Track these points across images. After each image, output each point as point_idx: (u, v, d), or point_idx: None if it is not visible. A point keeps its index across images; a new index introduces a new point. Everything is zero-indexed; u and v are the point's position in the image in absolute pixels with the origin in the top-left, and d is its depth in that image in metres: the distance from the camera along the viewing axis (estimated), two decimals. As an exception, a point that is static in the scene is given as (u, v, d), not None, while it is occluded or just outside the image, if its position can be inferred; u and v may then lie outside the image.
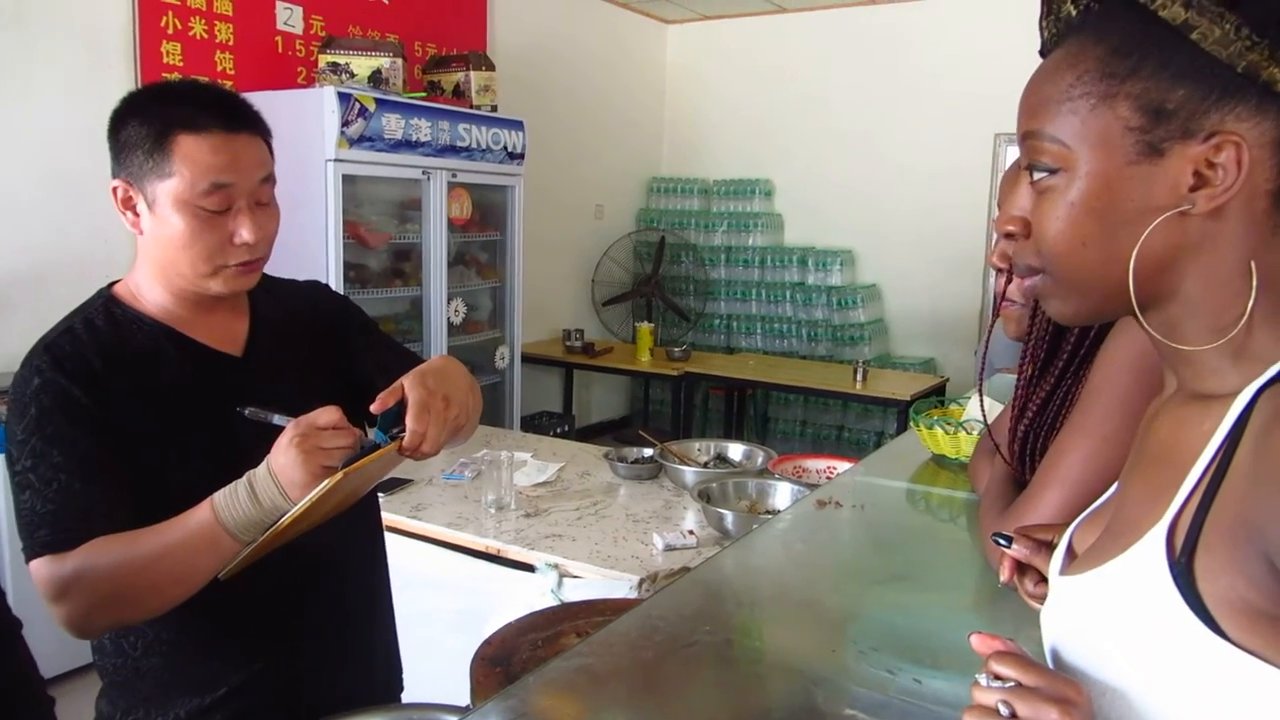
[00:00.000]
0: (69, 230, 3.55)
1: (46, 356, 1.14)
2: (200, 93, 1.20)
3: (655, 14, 6.68)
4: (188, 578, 1.08)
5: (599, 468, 2.72)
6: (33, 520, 1.08)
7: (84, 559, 1.05)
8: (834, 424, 6.05)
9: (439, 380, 1.13)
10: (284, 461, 1.04)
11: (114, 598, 1.07)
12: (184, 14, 3.84)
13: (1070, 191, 0.64)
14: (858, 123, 6.21)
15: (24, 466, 1.10)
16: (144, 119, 1.15)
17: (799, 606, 1.08)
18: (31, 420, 1.11)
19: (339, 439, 1.06)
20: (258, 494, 1.06)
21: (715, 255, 6.53)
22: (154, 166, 1.14)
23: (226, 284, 1.20)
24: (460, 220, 4.47)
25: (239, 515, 1.05)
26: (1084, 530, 0.77)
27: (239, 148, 1.16)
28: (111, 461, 1.11)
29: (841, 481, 1.51)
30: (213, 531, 1.06)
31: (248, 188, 1.17)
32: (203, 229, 1.15)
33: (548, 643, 1.54)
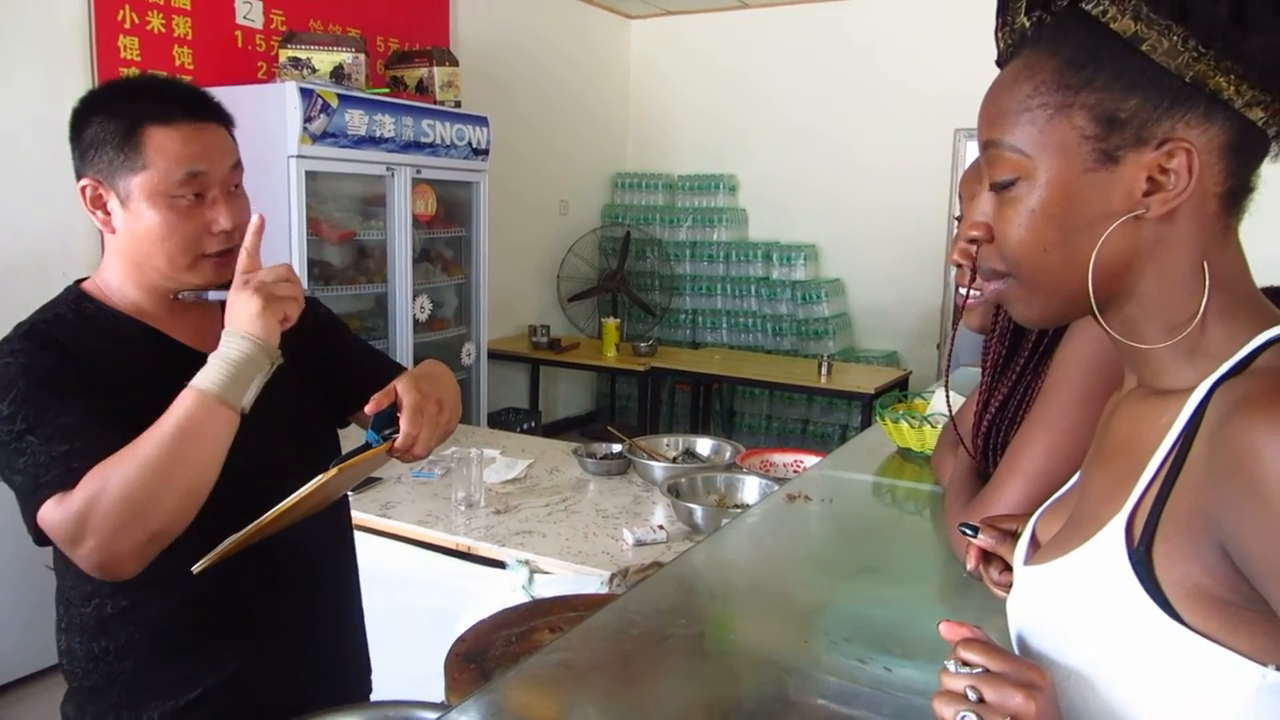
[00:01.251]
0: (24, 228, 3.48)
1: (25, 340, 1.13)
2: (163, 86, 1.21)
3: (619, 9, 6.68)
4: (194, 460, 1.06)
5: (568, 464, 2.73)
6: (32, 476, 1.05)
7: (89, 486, 1.02)
8: (799, 417, 6.11)
9: (432, 385, 1.15)
10: (242, 307, 1.08)
11: (134, 510, 1.02)
12: (141, 8, 3.78)
13: (1031, 199, 0.66)
14: (820, 119, 6.27)
15: (17, 431, 1.07)
16: (109, 115, 1.15)
17: (771, 599, 1.10)
18: (21, 389, 1.09)
19: (291, 288, 1.11)
20: (222, 352, 1.08)
21: (680, 250, 6.55)
22: (125, 161, 1.13)
23: (204, 276, 1.19)
24: (425, 217, 4.45)
25: (221, 378, 1.07)
26: (1047, 520, 0.80)
27: (208, 137, 1.17)
28: (101, 424, 1.09)
29: (810, 476, 1.53)
30: (203, 401, 1.06)
31: (220, 175, 1.18)
32: (179, 220, 1.15)
33: (521, 639, 1.55)
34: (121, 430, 1.08)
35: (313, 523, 1.15)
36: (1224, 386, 0.62)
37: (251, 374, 1.07)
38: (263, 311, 1.06)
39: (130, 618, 1.20)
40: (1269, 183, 0.69)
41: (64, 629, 1.25)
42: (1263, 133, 0.63)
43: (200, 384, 1.07)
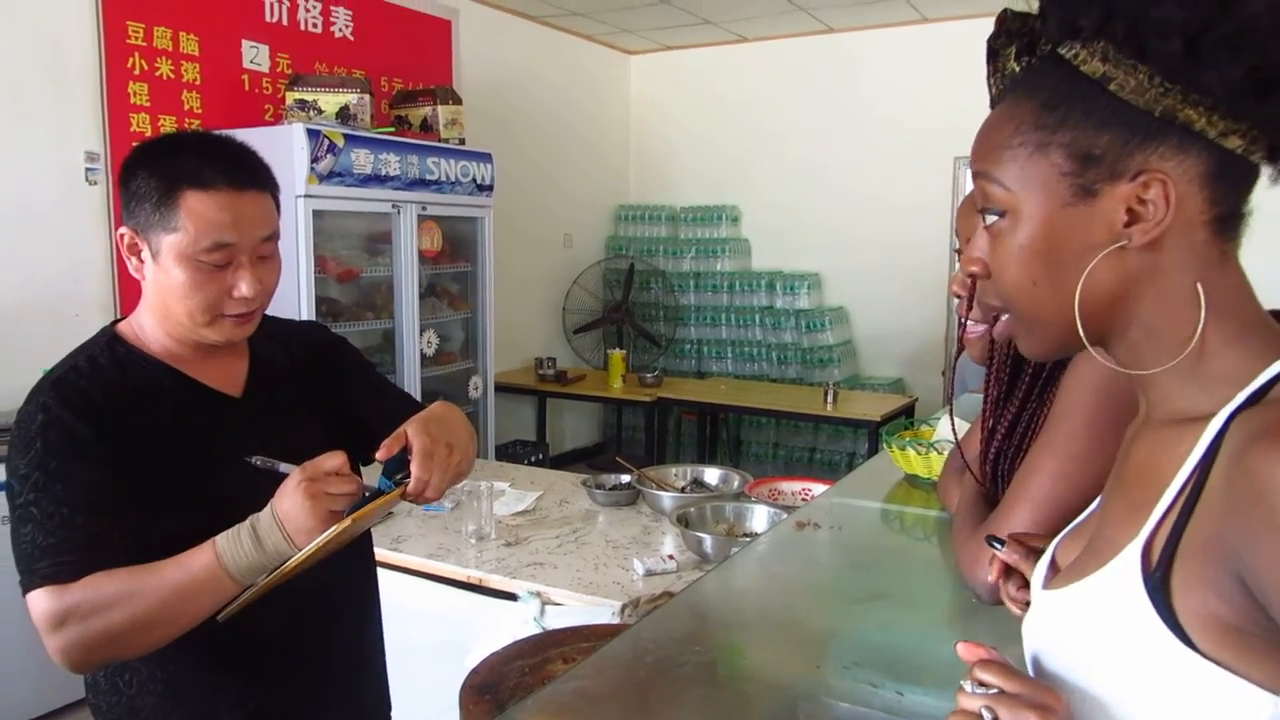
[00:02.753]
0: (39, 271, 3.53)
1: (53, 393, 1.15)
2: (210, 146, 1.21)
3: (618, 45, 6.77)
4: (183, 618, 1.09)
5: (577, 495, 2.74)
6: (33, 553, 1.08)
7: (84, 592, 1.06)
8: (806, 445, 6.11)
9: (441, 428, 1.16)
10: (290, 507, 1.06)
11: (110, 633, 1.06)
12: (150, 54, 3.86)
13: (1017, 234, 0.69)
14: (820, 149, 6.33)
15: (26, 500, 1.10)
16: (153, 171, 1.17)
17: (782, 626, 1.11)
18: (36, 455, 1.11)
19: (344, 485, 1.08)
20: (261, 539, 1.07)
21: (684, 281, 6.59)
22: (160, 220, 1.15)
23: (222, 334, 1.22)
24: (431, 252, 4.50)
25: (242, 560, 1.07)
26: (1066, 545, 0.80)
27: (243, 206, 1.18)
28: (114, 497, 1.12)
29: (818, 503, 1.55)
30: (214, 574, 1.07)
31: (249, 245, 1.19)
32: (203, 282, 1.17)
33: (534, 670, 1.56)
34: (138, 493, 1.13)
35: (334, 562, 1.16)
36: (1241, 416, 0.63)
37: (271, 563, 1.08)
38: (314, 528, 1.06)
39: (153, 655, 1.21)
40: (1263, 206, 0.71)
41: None
42: (1244, 160, 0.65)
43: (223, 556, 1.08)
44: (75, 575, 1.06)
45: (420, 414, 1.19)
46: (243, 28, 4.23)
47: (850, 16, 5.92)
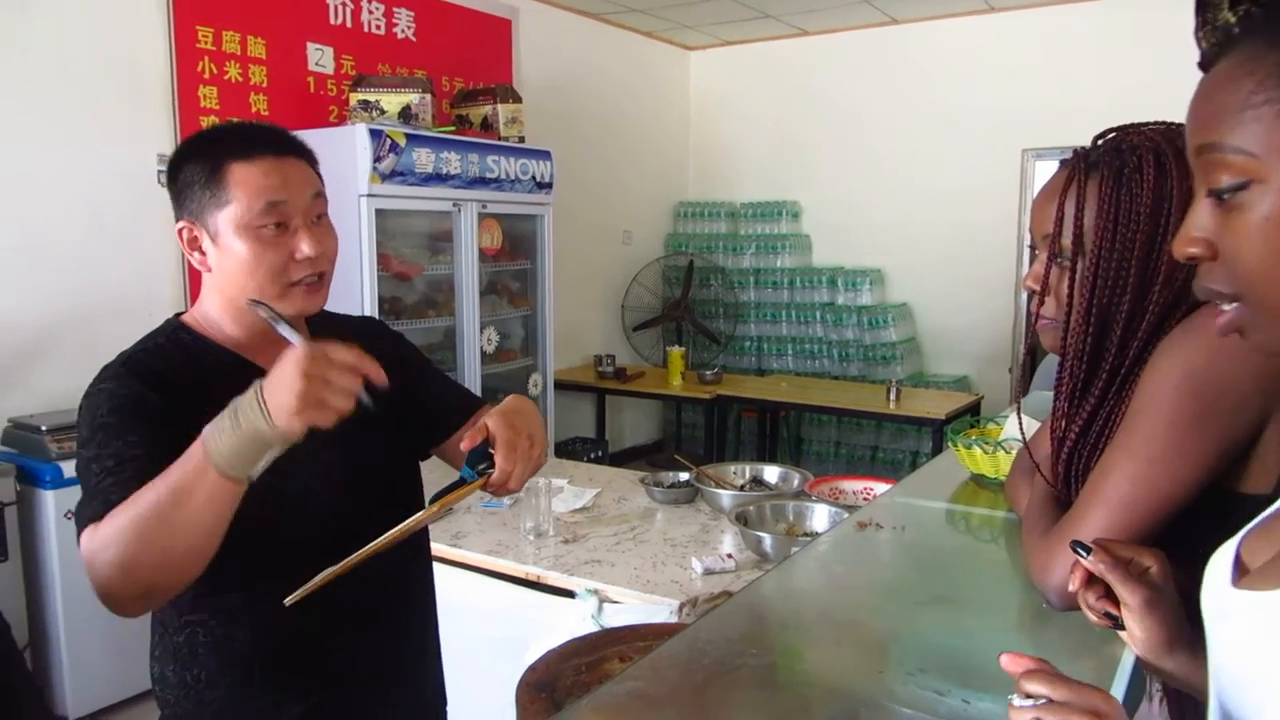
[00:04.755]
0: (110, 272, 3.64)
1: (122, 367, 1.18)
2: (246, 127, 1.27)
3: (678, 41, 6.74)
4: (185, 522, 1.00)
5: (635, 493, 2.73)
6: (85, 501, 1.09)
7: (107, 523, 1.03)
8: (868, 444, 6.02)
9: (523, 420, 1.17)
10: (276, 382, 0.96)
11: (126, 555, 1.00)
12: (219, 58, 3.95)
13: (1262, 205, 0.59)
14: (883, 142, 6.23)
15: (89, 457, 1.11)
16: (198, 158, 1.21)
17: (843, 629, 1.08)
18: (103, 415, 1.13)
19: (347, 378, 0.98)
20: (239, 415, 0.97)
21: (744, 278, 6.54)
22: (212, 198, 1.19)
23: (294, 304, 1.23)
24: (491, 250, 4.53)
25: (222, 442, 0.98)
26: (1255, 542, 0.71)
27: (288, 169, 1.21)
28: (151, 459, 1.09)
29: (881, 503, 1.51)
30: (199, 463, 0.99)
31: (301, 205, 1.21)
32: (264, 249, 1.19)
33: (591, 668, 1.55)
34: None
35: (394, 557, 1.16)
36: None
37: (260, 452, 0.99)
38: (297, 410, 0.95)
39: (220, 647, 1.23)
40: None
41: (158, 656, 1.29)
42: None
43: (207, 441, 0.99)
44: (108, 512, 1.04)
45: (500, 406, 1.20)
46: (308, 30, 4.31)
47: (915, 7, 5.81)
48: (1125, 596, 0.79)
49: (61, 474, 3.06)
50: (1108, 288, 1.04)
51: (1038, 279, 1.12)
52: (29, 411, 3.33)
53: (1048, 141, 5.66)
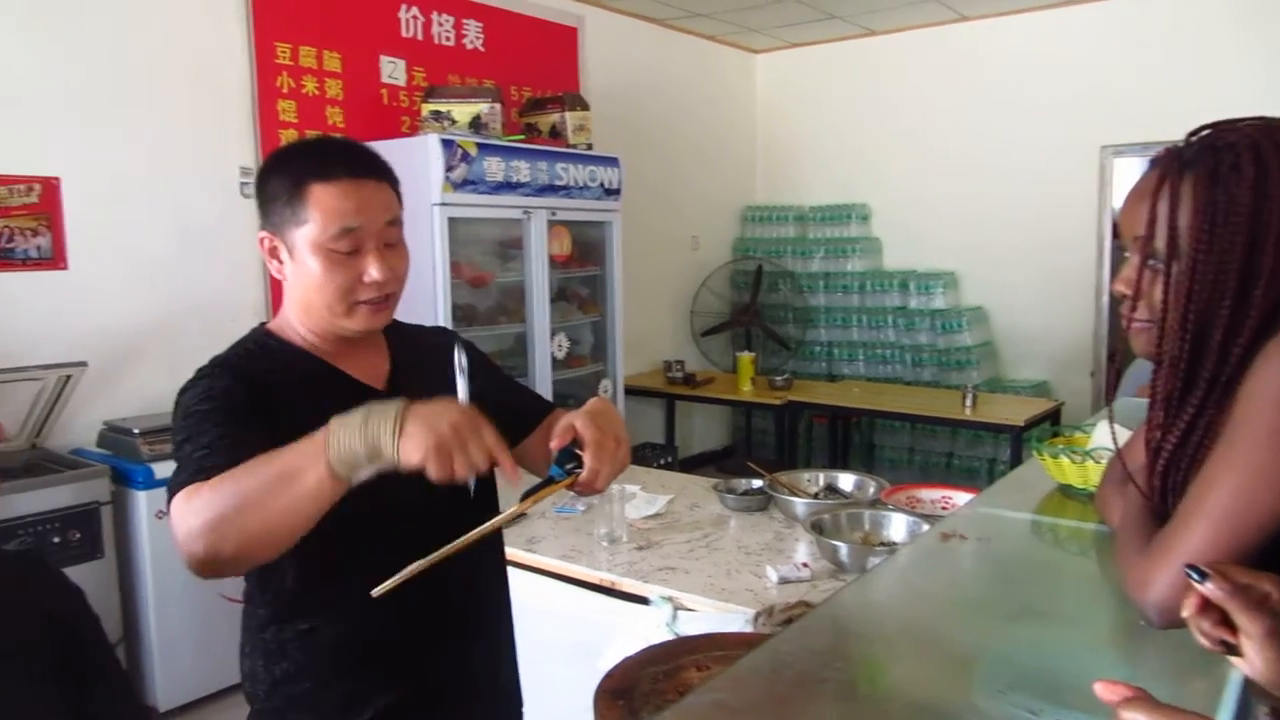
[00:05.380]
0: (197, 280, 3.76)
1: (215, 366, 1.24)
2: (329, 145, 1.31)
3: (743, 44, 6.72)
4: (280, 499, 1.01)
5: (708, 499, 2.71)
6: (178, 471, 1.11)
7: (208, 487, 1.04)
8: (943, 451, 5.90)
9: (609, 422, 1.19)
10: (421, 426, 0.99)
11: (217, 514, 1.01)
12: (297, 73, 4.05)
13: None
14: (955, 142, 6.11)
15: (181, 438, 1.15)
16: (281, 173, 1.25)
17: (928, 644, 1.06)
18: (196, 402, 1.18)
19: (482, 456, 1.00)
20: (368, 427, 1.00)
21: (813, 282, 6.48)
22: (292, 215, 1.23)
23: (359, 323, 1.27)
24: (560, 257, 4.56)
25: (344, 440, 1.00)
26: None
27: (365, 194, 1.24)
28: (259, 439, 1.10)
29: (963, 513, 1.47)
30: (316, 447, 1.00)
31: (374, 229, 1.24)
32: (335, 269, 1.23)
33: (668, 676, 1.54)
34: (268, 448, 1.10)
35: (472, 555, 1.18)
36: None
37: (371, 463, 1.01)
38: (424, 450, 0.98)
39: (307, 641, 1.27)
40: None
41: (247, 653, 1.32)
42: None
43: (332, 428, 1.01)
44: (209, 477, 1.06)
45: (585, 408, 1.22)
46: (381, 44, 4.40)
47: (985, 3, 5.69)
48: (1246, 626, 0.75)
49: (153, 475, 3.17)
50: (1206, 292, 1.00)
51: (1129, 283, 1.08)
52: (122, 415, 3.46)
53: (1128, 137, 5.49)
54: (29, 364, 3.07)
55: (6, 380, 2.93)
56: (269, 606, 1.27)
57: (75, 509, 3.06)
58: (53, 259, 3.36)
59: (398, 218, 1.29)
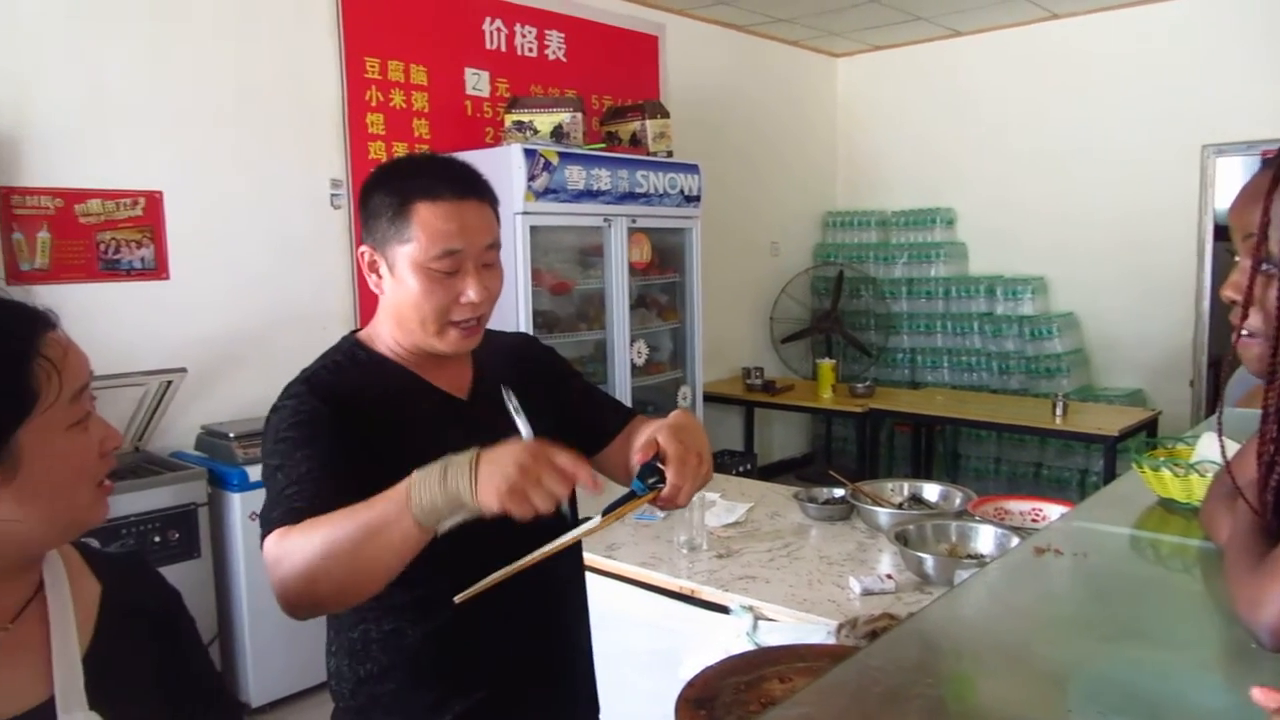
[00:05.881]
0: (289, 289, 3.88)
1: (303, 385, 1.27)
2: (435, 164, 1.31)
3: (824, 48, 6.65)
4: (370, 556, 1.05)
5: (788, 508, 2.69)
6: (270, 506, 1.16)
7: (299, 533, 1.09)
8: (1031, 461, 5.73)
9: (692, 437, 1.18)
10: (493, 471, 1.01)
11: (308, 570, 1.06)
12: (385, 87, 4.16)
13: None
14: (1045, 142, 5.95)
15: (273, 465, 1.19)
16: (387, 190, 1.27)
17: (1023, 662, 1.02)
18: (285, 428, 1.21)
19: (558, 485, 1.02)
20: (447, 481, 1.02)
21: (896, 288, 6.37)
22: (395, 233, 1.25)
23: (450, 344, 1.30)
24: (640, 264, 4.58)
25: (426, 497, 1.03)
26: None
27: (467, 215, 1.26)
28: (345, 469, 1.17)
29: (1058, 527, 1.42)
30: (399, 507, 1.03)
31: (474, 252, 1.27)
32: (434, 288, 1.25)
33: (750, 687, 1.53)
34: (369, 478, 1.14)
35: (552, 563, 1.19)
36: None
37: (455, 513, 1.04)
38: (501, 496, 1.00)
39: (391, 643, 1.29)
40: None
41: (333, 652, 1.36)
42: None
43: (413, 485, 1.04)
44: (300, 520, 1.10)
45: (668, 421, 1.21)
46: (466, 57, 4.49)
47: (1076, 1, 5.52)
48: None
49: (247, 478, 3.28)
50: None
51: (1239, 289, 1.03)
52: (219, 419, 3.59)
53: (1231, 136, 5.27)
54: (133, 370, 3.21)
55: (113, 385, 3.07)
56: (355, 608, 1.29)
57: (174, 510, 3.19)
58: (155, 269, 3.52)
59: (497, 240, 1.31)
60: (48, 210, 3.25)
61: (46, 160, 3.24)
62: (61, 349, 0.88)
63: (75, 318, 0.92)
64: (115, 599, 0.98)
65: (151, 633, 1.00)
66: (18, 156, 3.18)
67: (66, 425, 0.87)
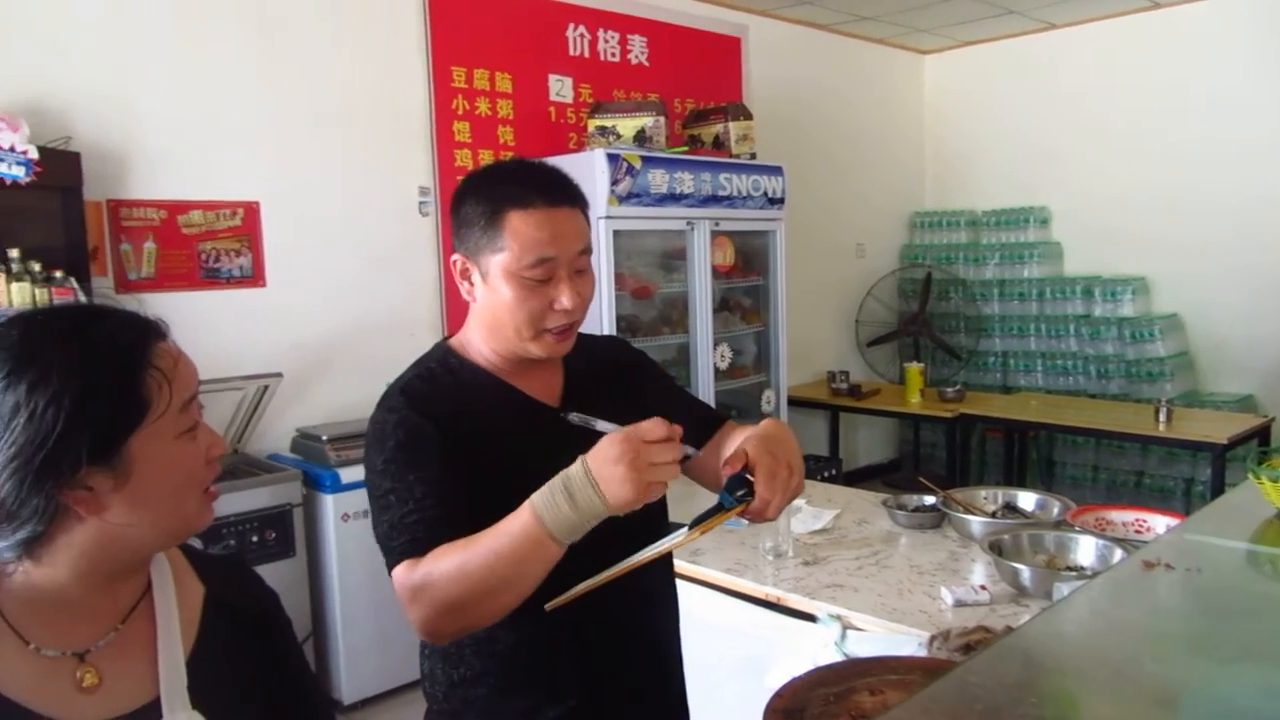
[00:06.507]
0: (379, 296, 3.97)
1: (401, 398, 1.28)
2: (526, 171, 1.31)
3: (911, 46, 6.52)
4: (516, 582, 1.10)
5: (876, 515, 2.63)
6: (391, 533, 1.19)
7: (430, 565, 1.13)
8: (1132, 469, 5.50)
9: (783, 448, 1.17)
10: (611, 475, 1.04)
11: (454, 604, 1.12)
12: (471, 95, 4.23)
13: None
14: (1145, 138, 5.71)
15: (385, 488, 1.22)
16: (478, 198, 1.28)
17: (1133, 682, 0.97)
18: (391, 449, 1.23)
19: (668, 453, 1.06)
20: (575, 498, 1.06)
21: (987, 289, 6.20)
22: (488, 242, 1.26)
23: (544, 349, 1.30)
24: (723, 267, 4.55)
25: (561, 520, 1.06)
26: None
27: (560, 222, 1.26)
28: (456, 486, 1.21)
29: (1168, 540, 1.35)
30: (535, 535, 1.07)
31: (567, 259, 1.26)
32: (528, 296, 1.25)
33: (840, 698, 1.49)
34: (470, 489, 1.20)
35: (643, 572, 1.18)
36: None
37: (586, 524, 1.08)
38: (635, 499, 1.04)
39: (484, 648, 1.30)
40: None
41: (428, 655, 1.38)
42: None
43: (543, 516, 1.07)
44: (426, 549, 1.15)
45: (759, 432, 1.20)
46: (549, 63, 4.53)
47: (1183, -12, 5.30)
48: None
49: (339, 480, 3.37)
50: None
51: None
52: (312, 422, 3.69)
53: (1352, 126, 4.97)
54: (232, 375, 3.32)
55: (214, 390, 3.18)
56: None
57: (271, 510, 3.29)
58: (253, 277, 3.64)
59: (589, 245, 1.31)
60: (153, 221, 3.40)
61: (151, 173, 3.39)
62: (172, 359, 0.91)
63: (178, 325, 0.95)
64: (218, 600, 1.01)
65: (251, 634, 1.02)
66: (126, 171, 3.33)
67: (176, 434, 0.90)
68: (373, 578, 3.31)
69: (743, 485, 1.13)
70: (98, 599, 0.91)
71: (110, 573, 0.91)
